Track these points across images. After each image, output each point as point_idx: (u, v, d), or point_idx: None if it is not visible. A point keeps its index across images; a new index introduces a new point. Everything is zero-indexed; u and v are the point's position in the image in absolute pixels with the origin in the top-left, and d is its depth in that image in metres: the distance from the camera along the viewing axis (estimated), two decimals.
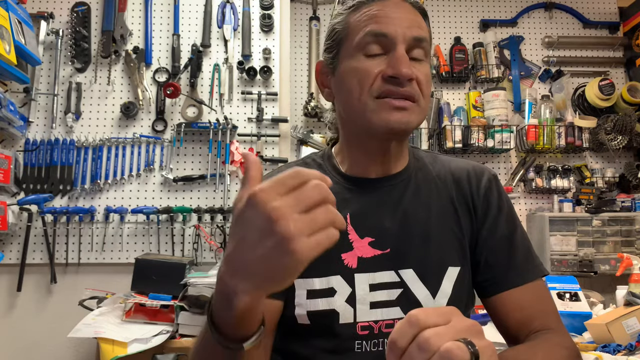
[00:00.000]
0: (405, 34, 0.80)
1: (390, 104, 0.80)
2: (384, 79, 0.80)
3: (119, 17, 2.31)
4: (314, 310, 0.83)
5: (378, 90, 0.80)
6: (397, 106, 0.80)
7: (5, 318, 2.16)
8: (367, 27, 0.81)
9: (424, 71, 0.82)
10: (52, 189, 2.20)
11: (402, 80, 0.79)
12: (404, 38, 0.80)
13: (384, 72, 0.80)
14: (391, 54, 0.80)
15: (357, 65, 0.82)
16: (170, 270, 1.88)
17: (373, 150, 0.88)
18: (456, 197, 0.90)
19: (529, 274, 0.86)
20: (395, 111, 0.80)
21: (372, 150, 0.88)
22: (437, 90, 2.75)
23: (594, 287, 2.24)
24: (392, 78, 0.79)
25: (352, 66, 0.83)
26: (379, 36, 0.80)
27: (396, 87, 0.79)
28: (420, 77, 0.81)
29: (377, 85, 0.80)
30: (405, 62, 0.79)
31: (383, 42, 0.81)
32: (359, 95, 0.81)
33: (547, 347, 0.79)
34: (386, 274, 0.84)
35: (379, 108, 0.80)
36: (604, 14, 2.86)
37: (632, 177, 2.60)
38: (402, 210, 0.87)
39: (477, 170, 0.93)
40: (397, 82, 0.79)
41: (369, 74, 0.81)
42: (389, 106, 0.80)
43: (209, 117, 2.27)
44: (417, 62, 0.82)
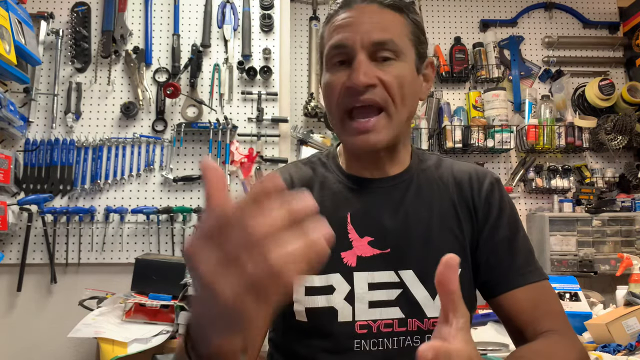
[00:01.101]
0: (364, 40, 0.79)
1: (354, 129, 0.81)
2: (345, 90, 0.80)
3: (119, 17, 2.31)
4: (313, 307, 0.83)
5: (343, 104, 0.81)
6: (360, 129, 0.80)
7: (5, 318, 2.16)
8: (331, 39, 0.82)
9: (393, 72, 0.80)
10: (52, 189, 2.20)
11: (358, 88, 0.78)
12: (362, 44, 0.79)
13: (343, 84, 0.80)
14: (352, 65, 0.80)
15: (327, 80, 0.84)
16: (170, 270, 1.88)
17: (363, 157, 0.89)
18: (457, 200, 0.89)
19: (530, 275, 0.86)
20: (360, 135, 0.80)
21: (362, 157, 0.89)
22: (437, 90, 2.75)
23: (594, 287, 2.24)
24: (350, 88, 0.79)
25: (324, 82, 0.85)
26: (339, 48, 0.81)
27: (355, 98, 0.79)
28: (387, 80, 0.79)
29: (341, 98, 0.81)
30: (363, 70, 0.78)
31: (345, 52, 0.80)
32: (332, 111, 0.84)
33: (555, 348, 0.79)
34: (385, 274, 0.84)
35: (347, 132, 0.82)
36: (604, 14, 2.86)
37: (632, 177, 2.60)
38: (403, 211, 0.87)
39: (479, 173, 0.93)
40: (356, 91, 0.79)
41: (335, 88, 0.81)
42: (353, 130, 0.81)
43: (209, 117, 2.27)
44: (385, 64, 0.80)
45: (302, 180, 0.91)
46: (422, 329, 0.83)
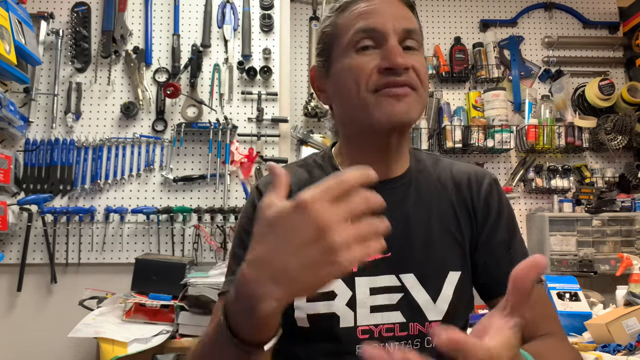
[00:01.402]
0: (395, 26, 0.80)
1: (391, 93, 0.79)
2: (380, 72, 0.79)
3: (119, 17, 2.31)
4: (314, 314, 0.83)
5: (375, 84, 0.79)
6: (398, 94, 0.79)
7: (5, 318, 2.16)
8: (357, 24, 0.81)
9: (419, 60, 0.82)
10: (52, 189, 2.20)
11: (399, 70, 0.78)
12: (394, 30, 0.79)
13: (379, 65, 0.79)
14: (384, 47, 0.79)
15: (351, 62, 0.81)
16: (170, 270, 1.88)
17: (374, 149, 0.86)
18: (456, 201, 0.89)
19: None
20: (396, 101, 0.79)
21: (373, 149, 0.87)
22: (437, 90, 2.75)
23: (594, 287, 2.24)
24: (388, 70, 0.78)
25: (346, 64, 0.82)
26: (369, 32, 0.80)
27: (394, 78, 0.79)
28: (417, 66, 0.80)
29: (374, 79, 0.79)
30: (400, 52, 0.78)
31: (374, 36, 0.80)
32: (356, 92, 0.80)
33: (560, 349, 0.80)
34: (387, 278, 0.84)
35: (380, 100, 0.79)
36: (604, 14, 2.86)
37: (632, 177, 2.60)
38: (403, 214, 0.87)
39: (478, 174, 0.92)
40: (394, 73, 0.78)
41: (364, 70, 0.79)
42: (390, 96, 0.79)
43: (209, 117, 2.27)
44: (411, 51, 0.82)
45: (298, 183, 0.89)
46: (423, 332, 0.82)
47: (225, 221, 2.21)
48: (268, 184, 0.91)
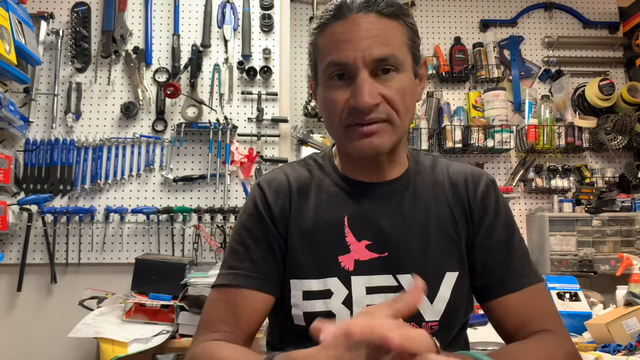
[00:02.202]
0: (365, 58, 0.77)
1: (358, 132, 0.80)
2: (349, 109, 0.80)
3: (119, 17, 2.31)
4: (311, 312, 0.83)
5: (346, 121, 0.81)
6: (364, 133, 0.80)
7: (5, 318, 2.16)
8: (329, 55, 0.80)
9: (394, 87, 0.79)
10: (52, 189, 2.20)
11: (364, 110, 0.78)
12: (364, 62, 0.77)
13: (348, 103, 0.79)
14: (354, 83, 0.79)
15: (327, 95, 0.83)
16: (170, 270, 1.88)
17: (363, 162, 0.88)
18: (453, 202, 0.89)
19: (526, 278, 0.86)
20: (363, 138, 0.80)
21: (362, 162, 0.88)
22: (437, 90, 2.75)
23: (594, 287, 2.24)
24: (355, 109, 0.78)
25: (323, 95, 0.84)
26: (340, 65, 0.79)
27: (361, 117, 0.79)
28: (390, 95, 0.79)
29: (344, 115, 0.80)
30: (367, 91, 0.77)
31: (345, 69, 0.79)
32: (332, 124, 0.84)
33: (541, 345, 0.79)
34: (383, 278, 0.84)
35: (349, 136, 0.82)
36: (604, 14, 2.86)
37: (632, 177, 2.60)
38: (401, 215, 0.87)
39: (475, 174, 0.92)
40: (361, 112, 0.78)
41: (337, 105, 0.81)
42: (357, 134, 0.80)
43: (209, 117, 2.27)
44: (387, 78, 0.79)
45: (299, 182, 0.91)
46: None
47: (225, 221, 2.21)
48: (269, 181, 0.91)
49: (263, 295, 0.84)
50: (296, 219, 0.88)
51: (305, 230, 0.87)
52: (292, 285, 0.85)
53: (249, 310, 0.84)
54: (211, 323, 0.85)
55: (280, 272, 0.86)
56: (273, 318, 0.92)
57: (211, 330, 0.83)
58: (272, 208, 0.88)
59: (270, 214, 0.88)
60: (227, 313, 0.84)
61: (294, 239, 0.86)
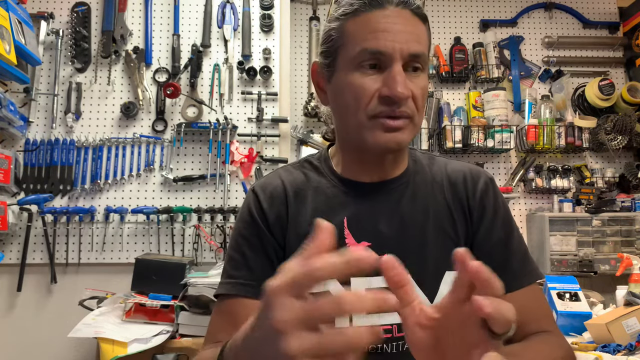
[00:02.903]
0: (403, 51, 0.77)
1: (386, 125, 0.79)
2: (380, 99, 0.78)
3: (119, 17, 2.31)
4: None
5: (374, 111, 0.79)
6: (392, 126, 0.79)
7: (5, 318, 2.16)
8: (364, 42, 0.79)
9: (420, 85, 0.80)
10: (52, 189, 2.20)
11: (398, 100, 0.77)
12: (401, 55, 0.78)
13: (380, 92, 0.78)
14: (387, 72, 0.78)
15: (353, 81, 0.80)
16: (170, 270, 1.88)
17: (368, 160, 0.87)
18: (452, 200, 0.89)
19: (525, 277, 0.86)
20: (389, 132, 0.79)
21: (367, 160, 0.88)
22: (437, 90, 2.75)
23: (594, 287, 2.24)
24: (388, 98, 0.78)
25: (348, 81, 0.81)
26: (376, 54, 0.78)
27: (392, 108, 0.78)
28: (417, 93, 0.79)
29: (373, 105, 0.79)
30: (402, 82, 0.77)
31: (380, 58, 0.79)
32: (355, 112, 0.80)
33: (541, 346, 0.79)
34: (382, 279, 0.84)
35: (374, 127, 0.80)
36: (604, 14, 2.86)
37: (632, 177, 2.60)
38: (400, 215, 0.87)
39: (473, 173, 0.92)
40: (393, 102, 0.78)
41: (365, 93, 0.79)
42: (383, 127, 0.79)
43: (209, 117, 2.27)
44: (414, 75, 0.80)
45: (294, 185, 0.90)
46: None
47: (225, 221, 2.21)
48: (264, 186, 0.91)
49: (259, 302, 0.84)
50: (293, 223, 0.87)
51: (303, 234, 0.86)
52: None
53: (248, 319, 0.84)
54: (214, 334, 0.85)
55: None
56: None
57: (213, 341, 0.84)
58: (267, 214, 0.87)
59: (265, 220, 0.87)
60: (226, 323, 0.83)
61: (291, 244, 0.86)
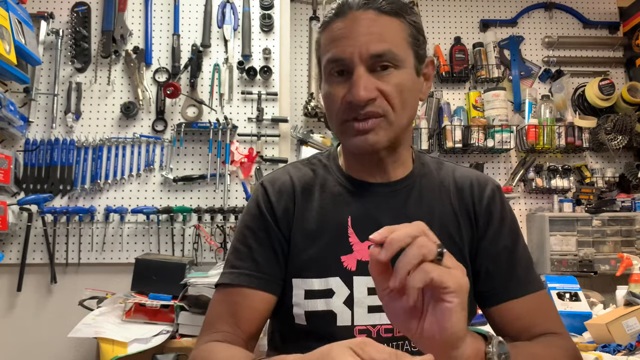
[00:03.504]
0: (362, 54, 0.78)
1: (354, 128, 0.81)
2: (345, 104, 0.81)
3: (119, 17, 2.31)
4: (312, 311, 0.83)
5: (343, 116, 0.82)
6: (360, 129, 0.81)
7: (5, 318, 2.16)
8: (328, 52, 0.82)
9: (393, 82, 0.80)
10: (52, 189, 2.20)
11: (359, 103, 0.78)
12: (360, 58, 0.78)
13: (344, 97, 0.81)
14: (351, 77, 0.80)
15: (327, 90, 0.84)
16: (170, 270, 1.88)
17: (365, 161, 0.88)
18: (458, 206, 0.89)
19: (529, 285, 0.86)
20: (358, 135, 0.81)
21: (364, 161, 0.88)
22: (437, 90, 2.75)
23: (594, 287, 2.24)
24: (350, 103, 0.80)
25: (325, 90, 0.86)
26: (338, 61, 0.80)
27: (356, 112, 0.80)
28: (387, 90, 0.79)
29: (341, 111, 0.82)
30: (362, 85, 0.78)
31: (344, 65, 0.80)
32: (331, 119, 0.86)
33: (547, 346, 0.79)
34: None
35: (345, 132, 0.83)
36: (604, 14, 2.86)
37: (632, 177, 2.60)
38: (405, 216, 0.86)
39: (480, 180, 0.92)
40: (356, 106, 0.79)
41: (335, 100, 0.82)
42: (352, 130, 0.82)
43: (209, 117, 2.27)
44: (384, 74, 0.80)
45: (302, 181, 0.91)
46: None
47: (225, 221, 2.21)
48: (273, 181, 0.92)
49: (264, 295, 0.84)
50: (299, 219, 0.88)
51: (309, 230, 0.87)
52: (294, 285, 0.85)
53: (250, 309, 0.84)
54: (213, 323, 0.85)
55: (282, 272, 0.87)
56: (275, 317, 0.92)
57: (213, 331, 0.84)
58: (274, 208, 0.88)
59: (272, 214, 0.88)
60: (228, 313, 0.84)
61: (296, 239, 0.86)
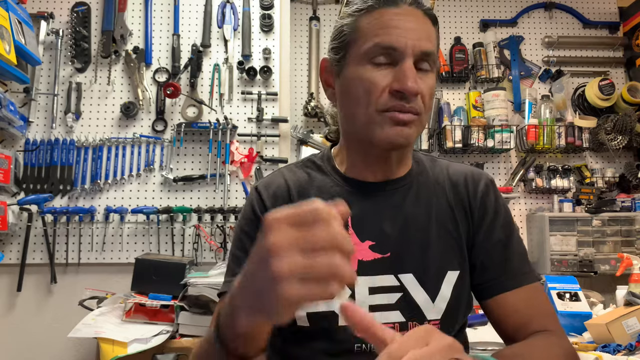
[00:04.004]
0: (415, 47, 0.79)
1: (395, 118, 0.80)
2: (391, 93, 0.79)
3: (119, 17, 2.31)
4: (314, 312, 0.83)
5: (384, 105, 0.80)
6: (401, 120, 0.80)
7: (5, 318, 2.16)
8: (377, 37, 0.80)
9: (429, 83, 0.82)
10: (52, 189, 2.20)
11: (409, 95, 0.78)
12: (412, 51, 0.79)
13: (391, 86, 0.79)
14: (399, 67, 0.79)
15: (364, 74, 0.81)
16: (170, 270, 1.88)
17: (374, 157, 0.88)
18: (454, 201, 0.90)
19: (524, 277, 0.87)
20: (398, 126, 0.80)
21: (373, 157, 0.88)
22: (437, 90, 2.75)
23: (594, 287, 2.24)
24: (399, 92, 0.79)
25: (358, 74, 0.81)
26: (388, 49, 0.79)
27: (402, 103, 0.79)
28: (425, 91, 0.80)
29: (384, 99, 0.79)
30: (412, 77, 0.78)
31: (392, 54, 0.79)
32: (365, 106, 0.81)
33: (544, 346, 0.79)
34: (386, 278, 0.85)
35: (383, 122, 0.80)
36: (604, 14, 2.86)
37: (632, 177, 2.59)
38: (403, 215, 0.87)
39: (474, 174, 0.93)
40: (404, 97, 0.79)
41: (376, 86, 0.80)
42: (392, 120, 0.80)
43: (209, 117, 2.27)
44: (423, 74, 0.81)
45: (298, 184, 0.91)
46: None
47: (225, 221, 2.21)
48: (267, 185, 0.91)
49: None
50: None
51: None
52: None
53: None
54: None
55: None
56: None
57: None
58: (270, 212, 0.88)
59: None
60: None
61: None
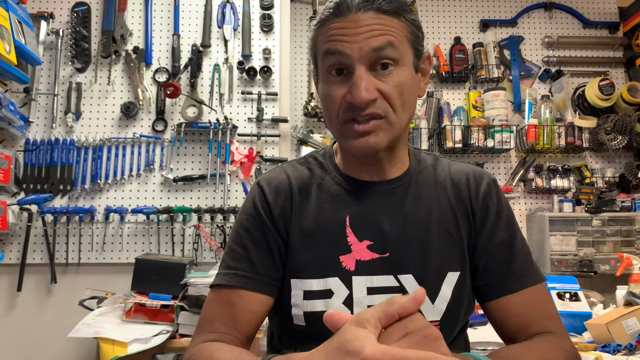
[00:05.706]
0: (362, 49, 0.76)
1: (354, 130, 0.79)
2: (345, 105, 0.79)
3: (119, 17, 2.31)
4: (311, 312, 0.83)
5: (343, 117, 0.80)
6: (360, 131, 0.79)
7: (5, 318, 2.16)
8: (326, 49, 0.80)
9: (393, 82, 0.78)
10: (52, 189, 2.20)
11: (360, 105, 0.77)
12: (360, 54, 0.77)
13: (345, 98, 0.79)
14: (351, 78, 0.78)
15: (325, 90, 0.82)
16: (170, 270, 1.88)
17: (362, 161, 0.87)
18: (455, 201, 0.89)
19: (527, 279, 0.86)
20: (359, 137, 0.79)
21: (361, 161, 0.88)
22: (437, 90, 2.75)
23: (594, 287, 2.24)
24: (350, 104, 0.78)
25: (322, 90, 0.84)
26: (335, 54, 0.78)
27: (357, 113, 0.78)
28: (388, 91, 0.78)
29: (342, 111, 0.80)
30: (363, 86, 0.76)
31: (342, 61, 0.78)
32: (330, 120, 0.84)
33: (542, 347, 0.79)
34: (384, 278, 0.84)
35: (346, 134, 0.81)
36: (604, 14, 2.86)
37: (632, 177, 2.60)
38: (402, 215, 0.87)
39: (476, 174, 0.92)
40: (358, 108, 0.78)
41: (335, 101, 0.80)
42: (353, 132, 0.80)
43: (209, 117, 2.27)
44: (384, 73, 0.78)
45: (299, 181, 0.91)
46: None
47: (225, 221, 2.21)
48: (269, 180, 0.91)
49: (261, 297, 0.84)
50: (297, 219, 0.87)
51: (307, 230, 0.86)
52: (292, 285, 0.85)
53: (247, 311, 0.84)
54: (209, 323, 0.85)
55: (279, 272, 0.86)
56: (273, 318, 0.92)
57: (209, 331, 0.83)
58: (271, 208, 0.88)
59: (269, 214, 0.87)
60: (224, 314, 0.84)
61: (294, 239, 0.86)
